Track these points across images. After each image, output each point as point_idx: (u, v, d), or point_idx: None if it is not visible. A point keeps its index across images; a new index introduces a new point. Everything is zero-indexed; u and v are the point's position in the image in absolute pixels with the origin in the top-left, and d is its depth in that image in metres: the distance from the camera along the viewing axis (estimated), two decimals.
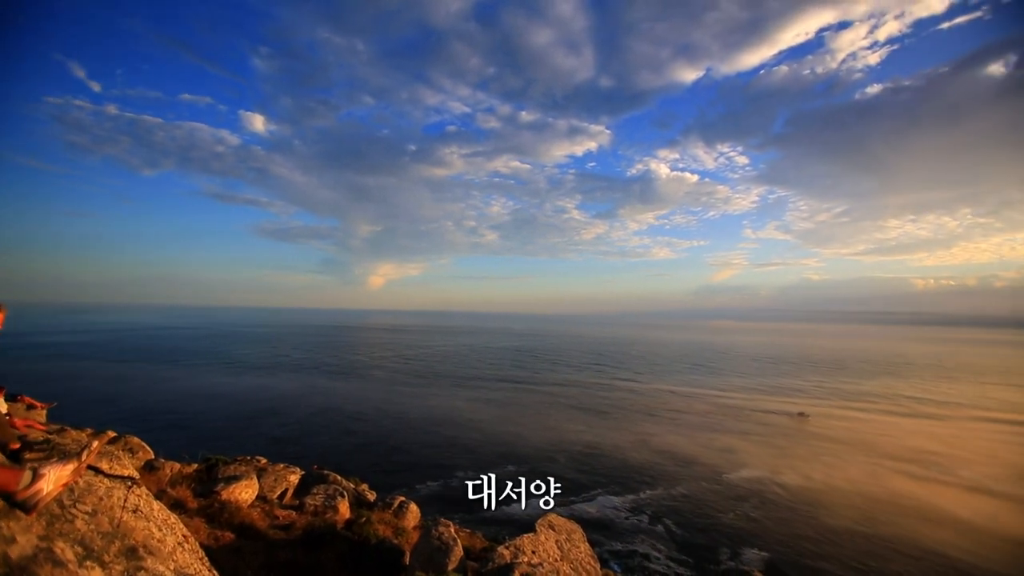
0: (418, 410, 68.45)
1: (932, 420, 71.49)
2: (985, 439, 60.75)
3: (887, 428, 65.28)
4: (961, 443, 58.17)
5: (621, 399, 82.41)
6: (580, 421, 65.20)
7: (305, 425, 58.93)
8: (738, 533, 32.96)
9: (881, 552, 30.60)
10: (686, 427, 63.03)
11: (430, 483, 41.04)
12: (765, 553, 30.21)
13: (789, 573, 27.97)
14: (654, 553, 30.14)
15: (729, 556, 29.73)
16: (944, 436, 61.56)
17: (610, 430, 60.42)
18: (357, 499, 14.94)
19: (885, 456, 51.89)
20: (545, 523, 17.11)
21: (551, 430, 59.37)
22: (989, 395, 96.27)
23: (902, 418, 72.40)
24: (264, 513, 10.90)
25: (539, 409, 72.56)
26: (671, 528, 33.54)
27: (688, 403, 79.77)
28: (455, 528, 15.12)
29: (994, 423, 70.19)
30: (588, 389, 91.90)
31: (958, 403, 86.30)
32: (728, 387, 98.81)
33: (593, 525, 33.33)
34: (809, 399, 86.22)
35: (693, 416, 70.15)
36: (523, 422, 63.35)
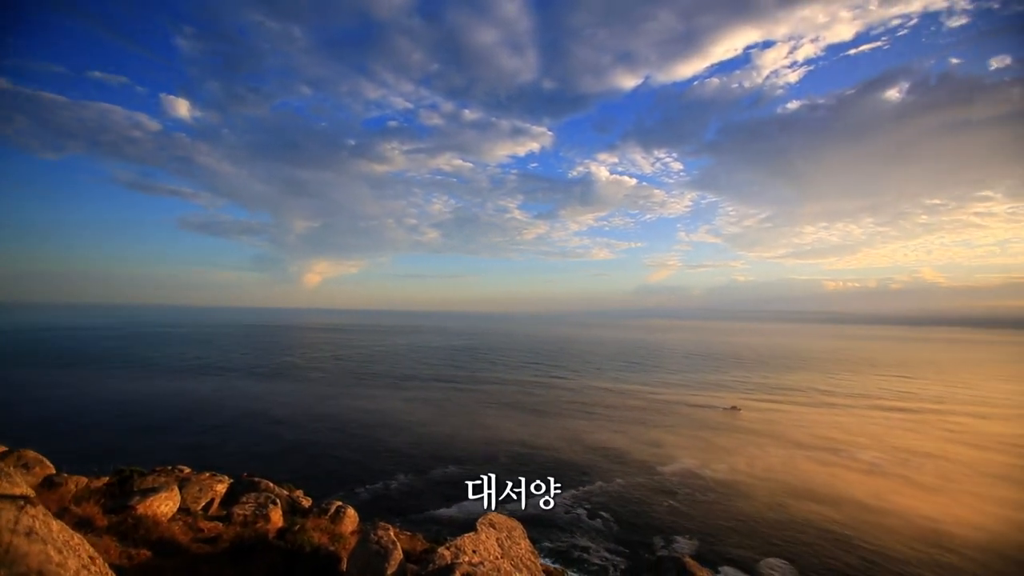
0: (356, 412, 66.42)
1: (838, 410, 78.58)
2: (880, 426, 67.58)
3: (801, 419, 70.96)
4: (860, 430, 64.33)
5: (559, 397, 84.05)
6: (519, 419, 65.84)
7: (234, 430, 55.52)
8: (670, 522, 34.63)
9: (791, 533, 33.26)
10: (622, 423, 65.27)
11: (369, 486, 39.96)
12: (695, 540, 31.96)
13: (716, 556, 29.73)
14: (592, 546, 31.04)
15: (662, 544, 31.18)
16: (847, 424, 67.80)
17: (548, 427, 61.47)
18: (291, 506, 14.28)
19: (799, 445, 56.40)
20: (486, 522, 17.11)
21: (491, 429, 59.57)
22: (883, 386, 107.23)
23: (813, 409, 79.01)
24: (187, 526, 10.16)
25: (479, 408, 72.56)
26: (608, 521, 34.65)
27: (624, 399, 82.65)
28: (395, 531, 14.80)
29: (887, 411, 78.26)
30: (527, 388, 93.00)
31: (859, 394, 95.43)
32: (662, 383, 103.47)
33: (534, 521, 33.76)
34: (736, 393, 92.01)
35: (628, 412, 72.77)
36: (463, 421, 63.13)
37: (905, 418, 73.15)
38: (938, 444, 58.00)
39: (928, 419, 72.77)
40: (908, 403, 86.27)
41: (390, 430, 57.50)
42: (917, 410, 79.74)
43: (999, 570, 28.74)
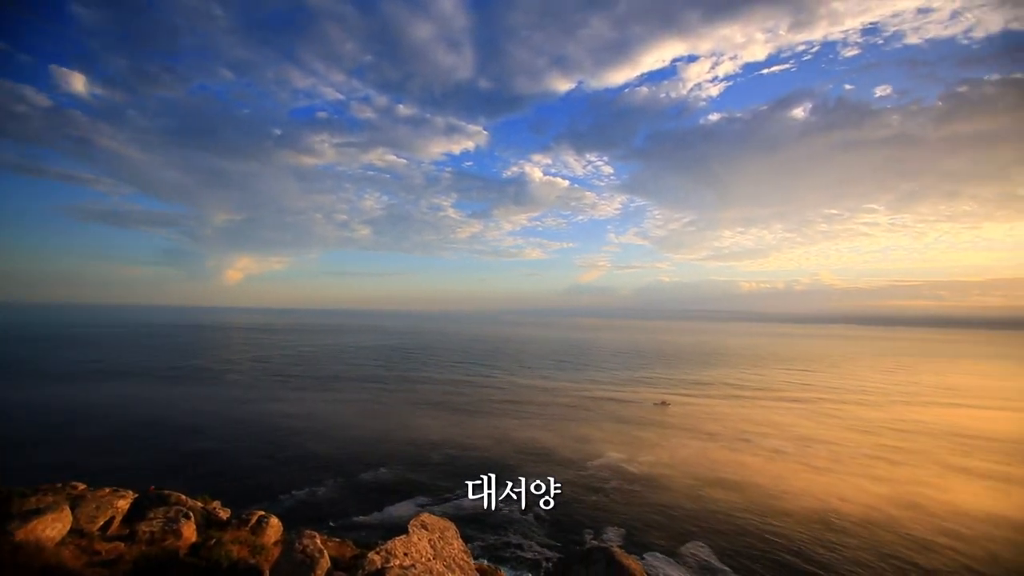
0: (279, 416, 62.96)
1: (749, 402, 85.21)
2: (783, 415, 74.13)
3: (717, 411, 76.15)
4: (766, 420, 70.17)
5: (491, 396, 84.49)
6: (451, 419, 65.48)
7: (140, 441, 50.66)
8: (601, 514, 35.92)
9: (707, 518, 35.72)
10: (553, 420, 66.71)
11: (295, 492, 38.04)
12: (623, 529, 33.41)
13: (642, 544, 31.26)
14: (526, 541, 31.52)
15: (593, 535, 32.29)
16: (756, 415, 73.69)
17: (481, 426, 61.61)
18: (207, 519, 13.28)
19: (714, 435, 60.53)
20: (418, 523, 16.89)
21: (423, 429, 58.75)
22: (787, 379, 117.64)
23: (728, 401, 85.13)
24: (80, 550, 9.17)
25: (410, 409, 71.33)
26: (541, 516, 35.31)
27: (555, 397, 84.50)
28: (322, 539, 14.22)
29: (789, 402, 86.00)
30: (459, 387, 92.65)
31: (767, 387, 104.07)
32: (592, 381, 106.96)
33: (468, 520, 33.75)
34: (660, 389, 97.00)
35: (559, 409, 74.51)
36: (394, 423, 61.77)
37: (804, 408, 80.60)
38: (830, 430, 64.42)
39: (822, 408, 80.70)
40: (807, 394, 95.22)
41: (317, 434, 55.06)
42: (814, 400, 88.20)
43: (872, 539, 32.45)
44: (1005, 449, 57.09)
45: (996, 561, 29.93)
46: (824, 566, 28.98)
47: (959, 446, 57.85)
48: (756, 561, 29.49)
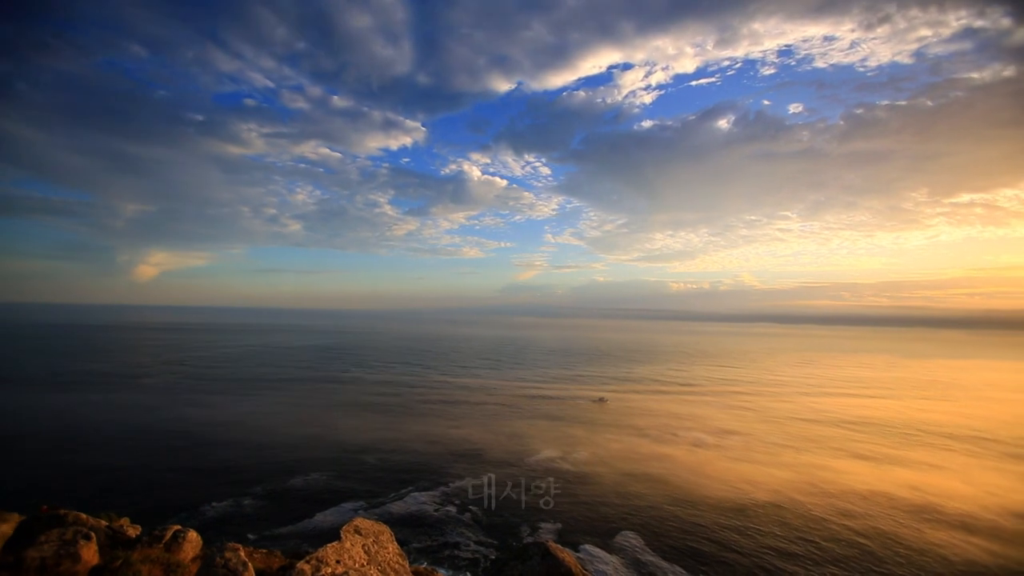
0: (198, 423, 58.58)
1: (675, 397, 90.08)
2: (705, 409, 79.08)
3: (646, 406, 79.80)
4: (690, 414, 74.55)
5: (428, 395, 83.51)
6: (386, 420, 64.07)
7: (26, 455, 45.21)
8: (537, 510, 36.50)
9: (637, 507, 37.44)
10: (490, 419, 66.99)
11: (216, 503, 35.54)
12: (559, 524, 34.16)
13: (577, 537, 32.11)
14: (463, 541, 31.41)
15: (529, 531, 32.73)
16: (681, 409, 78.06)
17: (417, 427, 60.72)
18: (112, 539, 12.12)
19: (643, 429, 63.42)
20: (351, 528, 16.38)
21: (357, 431, 57.00)
22: (710, 375, 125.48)
23: (656, 396, 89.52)
24: None
25: (343, 411, 68.96)
26: (477, 515, 35.35)
27: (491, 396, 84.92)
28: (247, 551, 13.41)
29: (712, 396, 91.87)
30: (394, 387, 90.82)
31: (691, 382, 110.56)
32: (528, 379, 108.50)
33: (404, 523, 33.18)
34: (596, 386, 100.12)
35: (496, 408, 74.96)
36: (326, 426, 59.41)
37: (724, 401, 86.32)
38: (745, 422, 69.37)
39: (740, 401, 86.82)
40: (727, 388, 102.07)
41: (241, 441, 51.78)
42: (733, 394, 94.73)
43: (777, 519, 35.53)
44: (887, 433, 64.21)
45: (876, 531, 33.63)
46: (736, 547, 31.29)
47: (852, 432, 64.30)
48: (679, 546, 31.30)
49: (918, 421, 71.58)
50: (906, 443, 59.00)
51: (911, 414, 77.01)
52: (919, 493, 40.80)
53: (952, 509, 37.70)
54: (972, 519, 36.04)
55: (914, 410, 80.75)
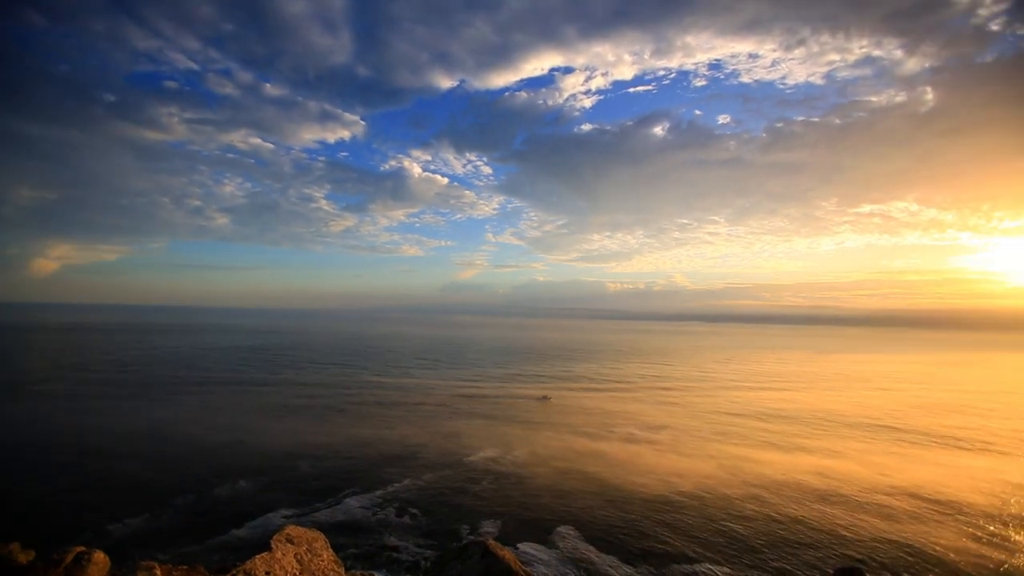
0: (107, 432, 53.77)
1: (611, 393, 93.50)
2: (638, 404, 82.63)
3: (583, 403, 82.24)
4: (625, 409, 77.69)
5: (365, 396, 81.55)
6: (320, 422, 62.00)
7: None
8: (477, 509, 36.78)
9: (575, 502, 38.73)
10: (427, 419, 66.45)
11: (129, 520, 32.88)
12: (499, 521, 34.62)
13: (516, 534, 32.69)
14: (401, 544, 31.09)
15: (469, 531, 32.93)
16: (615, 406, 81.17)
17: (353, 428, 59.23)
18: (1, 567, 11.07)
19: (580, 425, 65.43)
20: (282, 537, 15.87)
21: (289, 435, 54.73)
22: (644, 372, 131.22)
23: (593, 393, 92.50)
24: None
25: (274, 414, 65.92)
26: (416, 516, 35.12)
27: (431, 396, 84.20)
28: (164, 568, 12.65)
29: (645, 392, 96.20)
30: (328, 389, 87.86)
31: (626, 379, 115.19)
32: (468, 378, 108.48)
33: (340, 529, 32.34)
34: (536, 385, 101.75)
35: (436, 408, 74.44)
36: (255, 430, 56.56)
37: (655, 397, 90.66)
38: (674, 417, 73.22)
39: (670, 397, 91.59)
40: (659, 384, 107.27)
41: (159, 450, 48.13)
42: (665, 389, 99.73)
43: (700, 508, 38.11)
44: (798, 423, 70.12)
45: (786, 514, 36.85)
46: (664, 534, 33.28)
47: (768, 423, 69.62)
48: (614, 537, 32.74)
49: (825, 411, 78.60)
50: (814, 432, 64.67)
51: (820, 405, 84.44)
52: (823, 477, 44.99)
53: (849, 491, 41.92)
54: (865, 499, 40.28)
55: (822, 401, 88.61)
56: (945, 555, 31.24)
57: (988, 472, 48.59)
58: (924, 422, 72.39)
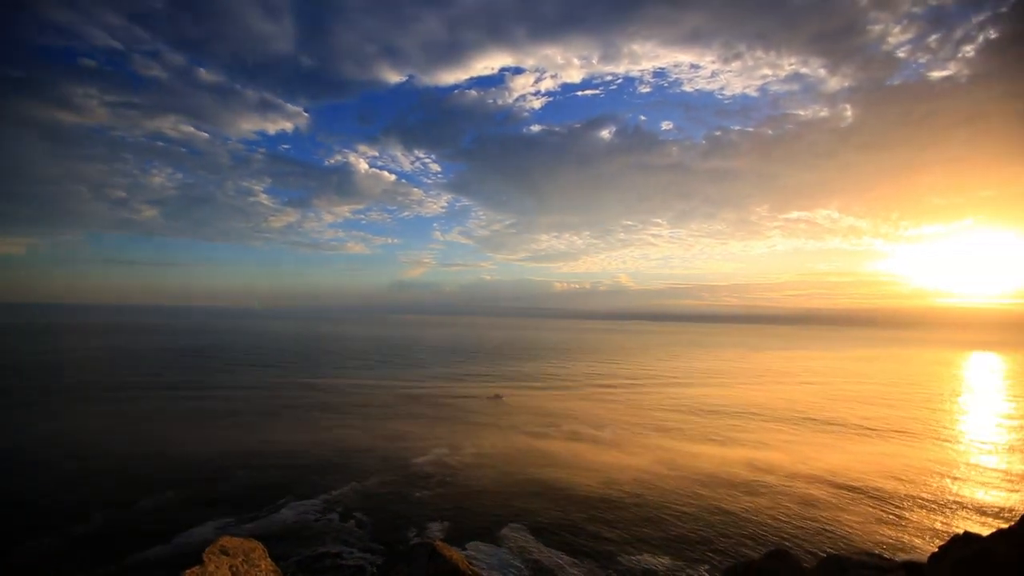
0: (13, 445, 48.93)
1: (557, 391, 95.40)
2: (584, 402, 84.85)
3: (531, 402, 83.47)
4: (571, 407, 79.53)
5: (305, 398, 78.84)
6: (256, 426, 59.46)
7: None
8: (424, 511, 36.51)
9: (522, 499, 39.39)
10: (373, 420, 65.24)
11: (44, 539, 30.16)
12: (447, 522, 34.53)
13: (464, 534, 32.76)
14: (346, 550, 30.38)
15: (416, 533, 32.63)
16: (562, 403, 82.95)
17: (293, 432, 57.21)
18: None
19: (528, 423, 66.41)
20: (215, 549, 15.19)
21: (223, 441, 52.06)
22: (589, 370, 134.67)
23: (541, 392, 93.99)
24: None
25: (206, 419, 62.45)
26: (362, 520, 34.43)
27: (376, 396, 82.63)
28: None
29: (589, 389, 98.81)
30: (267, 391, 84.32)
31: (573, 377, 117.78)
32: (415, 377, 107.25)
33: (280, 537, 31.17)
34: (484, 383, 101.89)
35: (382, 409, 73.11)
36: (185, 436, 53.35)
37: (599, 394, 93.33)
38: (616, 413, 75.70)
39: (614, 393, 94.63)
40: (602, 382, 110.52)
41: (72, 461, 44.32)
42: (608, 387, 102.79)
43: (640, 498, 39.94)
44: (731, 416, 74.46)
45: (716, 503, 39.18)
46: (607, 527, 34.57)
47: (704, 418, 73.48)
48: (560, 532, 33.59)
49: (756, 405, 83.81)
50: (746, 425, 68.88)
51: (751, 399, 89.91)
52: (753, 468, 48.08)
53: (775, 479, 45.09)
54: (789, 486, 43.47)
55: (754, 396, 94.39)
56: (855, 533, 34.34)
57: (892, 456, 53.72)
58: (841, 413, 78.81)
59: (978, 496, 43.05)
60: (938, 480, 46.51)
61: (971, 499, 42.20)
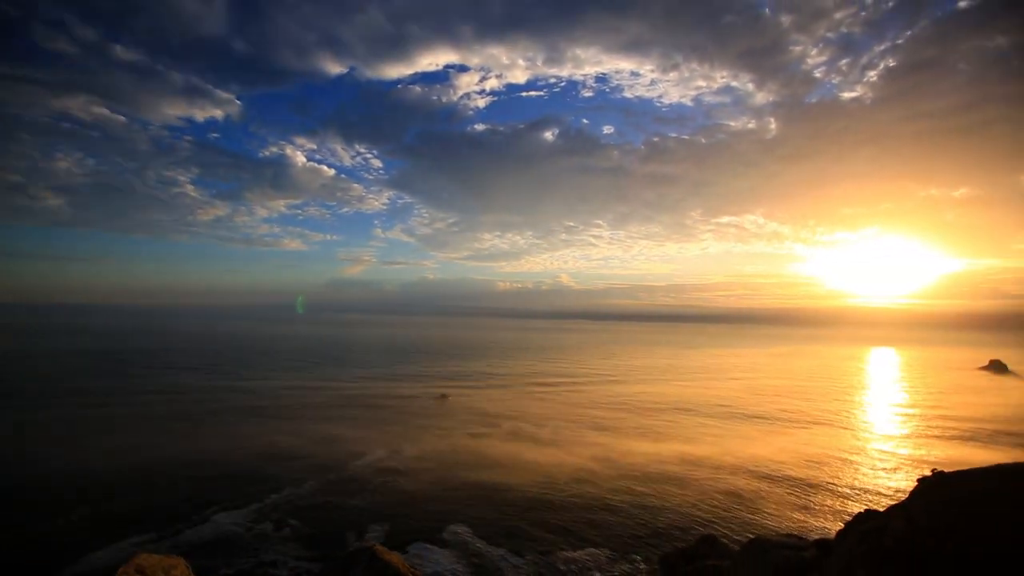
0: None
1: (499, 389, 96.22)
2: (524, 400, 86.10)
3: (473, 401, 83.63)
4: (512, 405, 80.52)
5: (235, 401, 75.01)
6: (185, 432, 56.00)
7: None
8: (364, 514, 35.74)
9: (463, 499, 39.59)
10: (311, 422, 63.06)
11: None
12: (387, 525, 33.99)
13: (406, 537, 32.39)
14: (280, 559, 29.23)
15: (356, 538, 31.90)
16: (504, 401, 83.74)
17: (221, 438, 54.30)
18: None
19: (469, 423, 66.63)
20: (131, 568, 14.24)
21: (146, 449, 48.54)
22: (531, 369, 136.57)
23: (484, 391, 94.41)
24: None
25: (127, 426, 57.90)
26: (298, 528, 33.21)
27: (313, 398, 79.94)
28: None
29: (530, 387, 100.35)
30: (193, 394, 79.35)
31: (515, 374, 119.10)
32: (355, 378, 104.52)
33: (208, 549, 29.52)
34: (426, 383, 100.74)
35: (317, 410, 70.81)
36: (104, 446, 49.25)
37: (539, 392, 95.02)
38: (557, 409, 77.58)
39: (554, 391, 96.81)
40: (543, 380, 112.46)
41: None
42: (550, 384, 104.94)
43: (577, 492, 41.30)
44: (665, 412, 78.22)
45: (647, 498, 41.11)
46: (548, 522, 35.51)
47: (639, 414, 76.64)
48: (503, 530, 34.11)
49: (687, 401, 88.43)
50: (678, 420, 72.58)
51: (683, 395, 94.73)
52: (683, 461, 50.74)
53: (702, 472, 47.86)
54: (716, 477, 46.39)
55: (685, 392, 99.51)
56: (775, 517, 37.31)
57: (807, 445, 58.62)
58: (763, 406, 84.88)
59: (878, 478, 47.99)
60: (845, 466, 51.32)
61: (872, 481, 46.96)
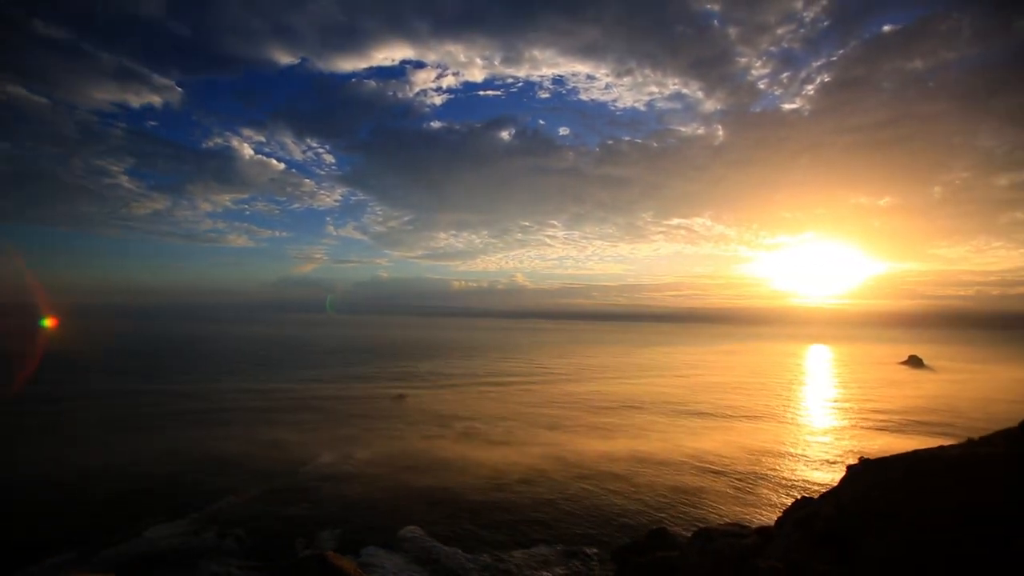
0: None
1: (453, 389, 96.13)
2: (478, 399, 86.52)
3: (427, 401, 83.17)
4: (467, 405, 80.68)
5: (175, 405, 71.57)
6: (121, 439, 52.94)
7: None
8: (313, 520, 34.90)
9: (417, 501, 39.49)
10: (257, 426, 61.01)
11: None
12: (339, 530, 33.35)
13: (358, 541, 31.90)
14: (224, 570, 28.19)
15: (305, 544, 31.14)
16: (458, 401, 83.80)
17: (165, 443, 51.86)
18: None
19: (420, 423, 66.37)
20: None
21: (76, 458, 45.55)
22: (485, 368, 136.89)
23: (438, 390, 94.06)
24: None
25: (56, 434, 54.05)
26: (243, 537, 32.06)
27: (259, 401, 77.38)
28: None
29: (485, 387, 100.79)
30: (129, 399, 75.04)
31: (471, 374, 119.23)
32: (304, 380, 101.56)
33: (145, 564, 28.13)
34: (379, 384, 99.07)
35: (264, 414, 68.61)
36: (31, 456, 45.76)
37: (493, 391, 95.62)
38: (510, 410, 78.14)
39: (508, 390, 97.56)
40: (498, 379, 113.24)
41: None
42: (504, 383, 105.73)
43: (529, 491, 41.74)
44: (617, 409, 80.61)
45: (596, 496, 42.37)
46: (501, 520, 36.04)
47: (592, 412, 78.50)
48: (457, 530, 34.33)
49: (637, 398, 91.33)
50: (629, 417, 74.94)
51: (634, 393, 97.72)
52: (633, 458, 52.43)
53: (651, 467, 49.69)
54: (665, 471, 48.35)
55: (636, 390, 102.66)
56: (720, 508, 39.39)
57: (748, 439, 61.96)
58: (709, 403, 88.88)
59: (813, 468, 51.48)
60: (784, 458, 54.68)
61: (807, 471, 50.33)
